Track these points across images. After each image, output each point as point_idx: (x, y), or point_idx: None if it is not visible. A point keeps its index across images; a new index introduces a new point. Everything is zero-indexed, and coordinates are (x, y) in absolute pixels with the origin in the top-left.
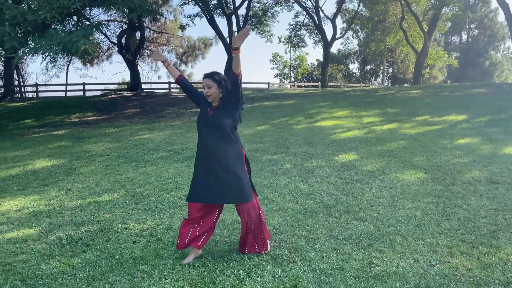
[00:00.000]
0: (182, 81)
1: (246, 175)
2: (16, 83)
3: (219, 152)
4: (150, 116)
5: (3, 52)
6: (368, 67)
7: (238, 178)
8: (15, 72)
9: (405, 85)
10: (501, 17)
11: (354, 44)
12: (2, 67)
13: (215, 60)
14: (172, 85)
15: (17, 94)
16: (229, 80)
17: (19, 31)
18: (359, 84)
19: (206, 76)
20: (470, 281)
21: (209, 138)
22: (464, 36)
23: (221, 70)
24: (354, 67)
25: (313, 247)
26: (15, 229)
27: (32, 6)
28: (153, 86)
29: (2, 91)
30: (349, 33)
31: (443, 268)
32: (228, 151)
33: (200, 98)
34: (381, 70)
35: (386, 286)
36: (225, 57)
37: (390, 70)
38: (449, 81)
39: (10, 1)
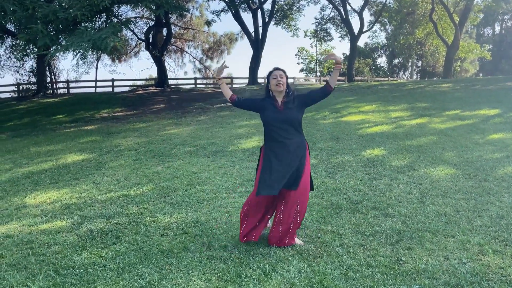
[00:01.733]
0: (238, 101)
1: (305, 166)
2: (48, 79)
3: (289, 143)
4: (176, 112)
5: (36, 50)
6: (396, 61)
7: (300, 166)
8: (47, 69)
9: (435, 78)
10: None
11: (381, 37)
12: (35, 64)
13: (240, 55)
14: (198, 81)
15: (49, 90)
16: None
17: (51, 29)
18: (386, 78)
19: (278, 68)
20: (503, 280)
21: (281, 130)
22: (497, 28)
23: (246, 65)
24: (381, 60)
25: (340, 243)
26: (48, 221)
27: (63, 4)
28: (180, 81)
29: (35, 87)
30: (377, 26)
31: (475, 266)
32: (297, 142)
33: (261, 103)
34: (409, 64)
35: (415, 283)
36: (249, 52)
37: (419, 63)
38: (481, 74)
39: (43, 0)
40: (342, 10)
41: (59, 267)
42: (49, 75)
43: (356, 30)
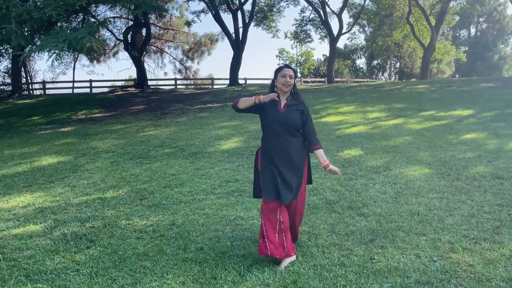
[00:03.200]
0: (237, 107)
1: (303, 174)
2: (23, 80)
3: (289, 149)
4: (156, 113)
5: (11, 50)
6: (375, 62)
7: (299, 176)
8: (22, 69)
9: (412, 80)
10: (510, 10)
11: (360, 39)
12: (10, 65)
13: (221, 56)
14: (178, 82)
15: (25, 92)
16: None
17: (26, 29)
18: (365, 79)
19: (290, 67)
20: (472, 277)
21: (278, 134)
22: (473, 30)
23: (227, 66)
24: (360, 62)
25: (315, 243)
26: (21, 225)
27: (38, 3)
28: (159, 82)
29: (10, 88)
30: (356, 28)
31: (445, 263)
32: (295, 144)
33: (261, 105)
34: (388, 65)
35: (386, 281)
36: (230, 53)
37: (397, 65)
38: (457, 76)
39: None
40: (321, 12)
41: (30, 272)
42: (24, 76)
43: (335, 32)
